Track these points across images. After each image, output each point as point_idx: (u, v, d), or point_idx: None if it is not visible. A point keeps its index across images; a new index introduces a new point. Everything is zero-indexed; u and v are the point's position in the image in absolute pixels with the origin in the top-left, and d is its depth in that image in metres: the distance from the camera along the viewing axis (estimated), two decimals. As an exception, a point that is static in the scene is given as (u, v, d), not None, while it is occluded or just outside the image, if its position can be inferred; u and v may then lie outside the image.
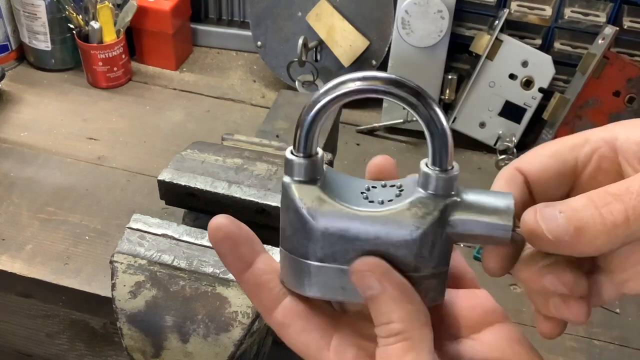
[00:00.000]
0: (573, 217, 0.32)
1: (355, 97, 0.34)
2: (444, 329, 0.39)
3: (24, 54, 1.26)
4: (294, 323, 0.36)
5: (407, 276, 0.35)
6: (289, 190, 0.36)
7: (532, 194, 0.37)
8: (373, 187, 0.37)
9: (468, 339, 0.39)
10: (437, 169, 0.34)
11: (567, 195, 0.37)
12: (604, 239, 0.32)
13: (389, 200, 0.35)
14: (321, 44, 1.14)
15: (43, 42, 1.20)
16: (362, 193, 0.36)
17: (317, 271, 0.36)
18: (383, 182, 0.37)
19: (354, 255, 0.35)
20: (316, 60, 1.16)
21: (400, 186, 0.36)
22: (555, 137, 1.04)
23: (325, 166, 0.37)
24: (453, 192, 0.35)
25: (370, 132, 1.13)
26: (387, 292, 0.34)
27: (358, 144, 1.11)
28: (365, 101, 1.18)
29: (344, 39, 1.12)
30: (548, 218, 0.33)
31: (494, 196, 0.35)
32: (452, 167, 0.35)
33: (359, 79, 0.34)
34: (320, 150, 0.36)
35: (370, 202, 0.36)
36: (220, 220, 0.36)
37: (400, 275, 0.35)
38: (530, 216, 0.33)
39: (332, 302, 0.39)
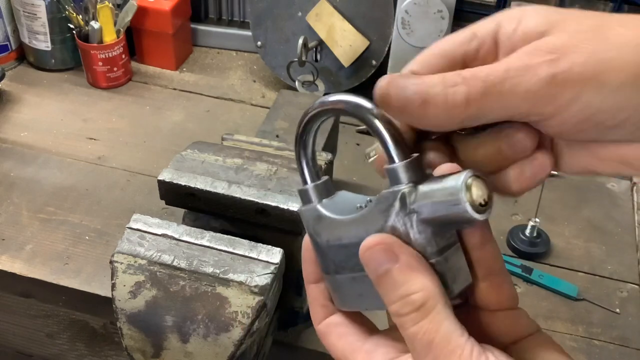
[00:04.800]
0: (421, 91, 0.34)
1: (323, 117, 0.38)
2: None
3: (24, 54, 1.26)
4: (333, 332, 0.40)
5: None
6: (301, 217, 0.40)
7: None
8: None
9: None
10: (389, 164, 0.36)
11: None
12: (444, 117, 0.34)
13: (371, 203, 0.37)
14: (321, 44, 1.14)
15: (43, 42, 1.20)
16: (360, 206, 0.38)
17: (338, 283, 0.39)
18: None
19: (354, 260, 0.37)
20: (316, 60, 1.16)
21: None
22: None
23: (342, 191, 0.41)
24: (412, 181, 0.35)
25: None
26: (404, 261, 0.34)
27: (358, 144, 1.11)
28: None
29: (344, 39, 1.12)
30: (399, 86, 0.34)
31: (448, 177, 0.35)
32: (405, 159, 0.36)
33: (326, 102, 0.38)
34: (324, 177, 0.40)
35: (359, 209, 0.38)
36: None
37: (406, 246, 0.35)
38: (383, 82, 0.35)
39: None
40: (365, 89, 1.17)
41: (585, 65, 0.32)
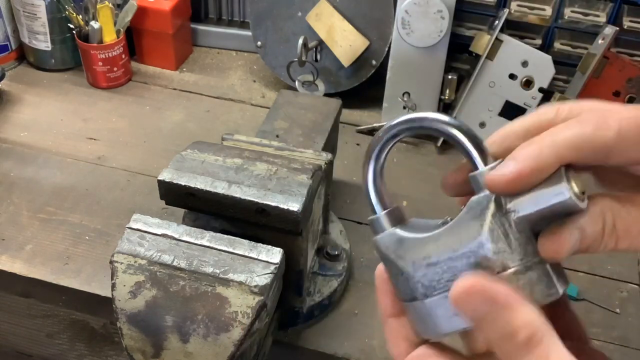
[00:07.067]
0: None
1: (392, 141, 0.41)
2: None
3: (24, 54, 1.26)
4: None
5: (498, 276, 0.35)
6: (377, 245, 0.39)
7: None
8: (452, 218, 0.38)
9: None
10: (473, 172, 0.37)
11: None
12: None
13: (460, 213, 0.37)
14: (321, 44, 1.14)
15: (43, 42, 1.20)
16: (442, 223, 0.38)
17: (428, 308, 0.37)
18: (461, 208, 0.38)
19: (447, 276, 0.36)
20: (316, 60, 1.16)
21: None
22: (555, 137, 1.04)
23: (414, 218, 0.40)
24: None
25: (370, 132, 1.13)
26: (501, 300, 0.33)
27: (358, 144, 1.11)
28: (365, 101, 1.18)
29: (344, 39, 1.12)
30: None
31: None
32: (488, 164, 0.36)
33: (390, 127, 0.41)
34: (395, 205, 0.40)
35: (441, 225, 0.38)
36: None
37: (498, 280, 0.34)
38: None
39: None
40: (365, 89, 1.17)
41: None
